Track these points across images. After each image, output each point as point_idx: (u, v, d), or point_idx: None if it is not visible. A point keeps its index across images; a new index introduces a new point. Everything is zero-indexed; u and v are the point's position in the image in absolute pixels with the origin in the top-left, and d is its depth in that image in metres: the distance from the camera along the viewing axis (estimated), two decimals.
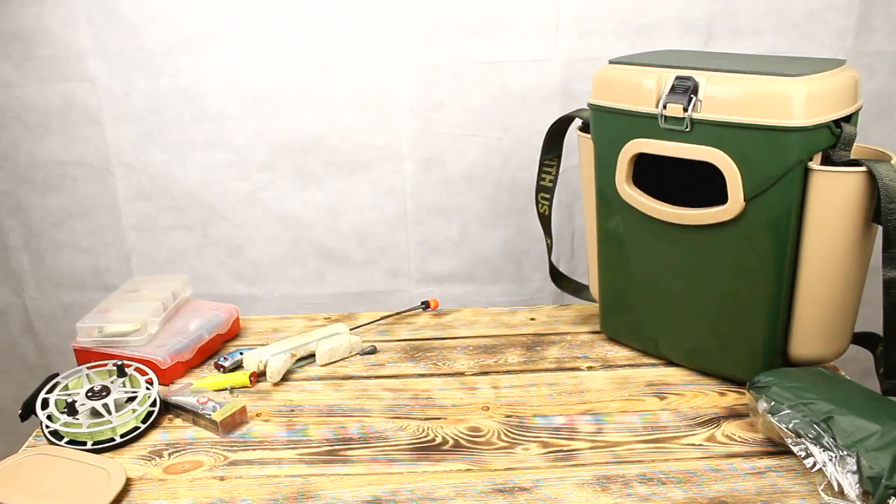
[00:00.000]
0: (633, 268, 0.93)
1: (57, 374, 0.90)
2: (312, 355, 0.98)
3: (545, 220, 1.07)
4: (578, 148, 0.97)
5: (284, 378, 0.94)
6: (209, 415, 0.83)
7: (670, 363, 0.94)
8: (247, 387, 0.92)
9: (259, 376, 0.94)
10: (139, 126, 1.20)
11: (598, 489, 0.72)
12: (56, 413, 0.83)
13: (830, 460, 0.69)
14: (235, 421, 0.84)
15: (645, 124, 0.84)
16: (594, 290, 1.02)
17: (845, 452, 0.68)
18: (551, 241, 1.08)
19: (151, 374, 0.89)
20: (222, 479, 0.76)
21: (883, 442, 0.68)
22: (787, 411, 0.74)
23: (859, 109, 0.81)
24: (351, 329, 1.03)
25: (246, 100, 1.17)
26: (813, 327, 0.84)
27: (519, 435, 0.81)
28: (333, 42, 1.14)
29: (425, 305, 1.11)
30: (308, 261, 1.28)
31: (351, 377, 0.95)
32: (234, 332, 1.05)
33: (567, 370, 0.94)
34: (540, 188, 1.05)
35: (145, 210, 1.25)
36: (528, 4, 1.12)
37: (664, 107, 0.81)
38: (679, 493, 0.71)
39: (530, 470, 0.76)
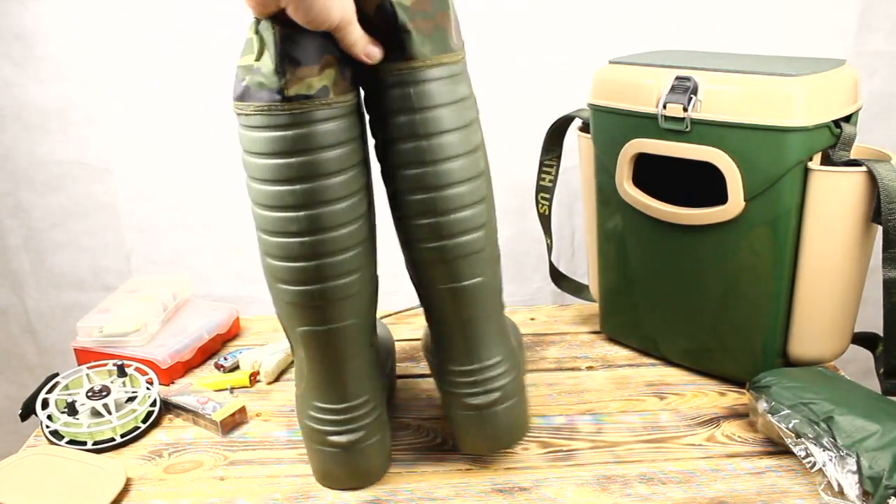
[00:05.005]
0: (633, 268, 0.93)
1: (57, 374, 0.89)
2: None
3: (545, 220, 1.06)
4: (578, 148, 0.97)
5: (284, 378, 0.94)
6: (209, 415, 0.83)
7: (670, 363, 0.94)
8: (247, 387, 0.92)
9: (258, 376, 0.94)
10: (139, 126, 1.20)
11: (598, 489, 0.72)
12: (56, 413, 0.83)
13: (830, 460, 0.69)
14: (235, 421, 0.84)
15: (645, 124, 0.83)
16: (594, 290, 1.02)
17: (845, 452, 0.68)
18: (551, 241, 1.08)
19: (151, 374, 0.89)
20: (222, 479, 0.76)
21: (883, 442, 0.68)
22: (787, 411, 0.74)
23: (859, 109, 0.81)
24: None
25: None
26: (813, 327, 0.84)
27: None
28: None
29: None
30: None
31: None
32: (234, 332, 1.05)
33: (567, 370, 0.94)
34: (540, 188, 1.05)
35: (145, 210, 1.25)
36: (528, 4, 1.12)
37: (664, 107, 0.81)
38: (679, 492, 0.71)
39: (530, 470, 0.76)
